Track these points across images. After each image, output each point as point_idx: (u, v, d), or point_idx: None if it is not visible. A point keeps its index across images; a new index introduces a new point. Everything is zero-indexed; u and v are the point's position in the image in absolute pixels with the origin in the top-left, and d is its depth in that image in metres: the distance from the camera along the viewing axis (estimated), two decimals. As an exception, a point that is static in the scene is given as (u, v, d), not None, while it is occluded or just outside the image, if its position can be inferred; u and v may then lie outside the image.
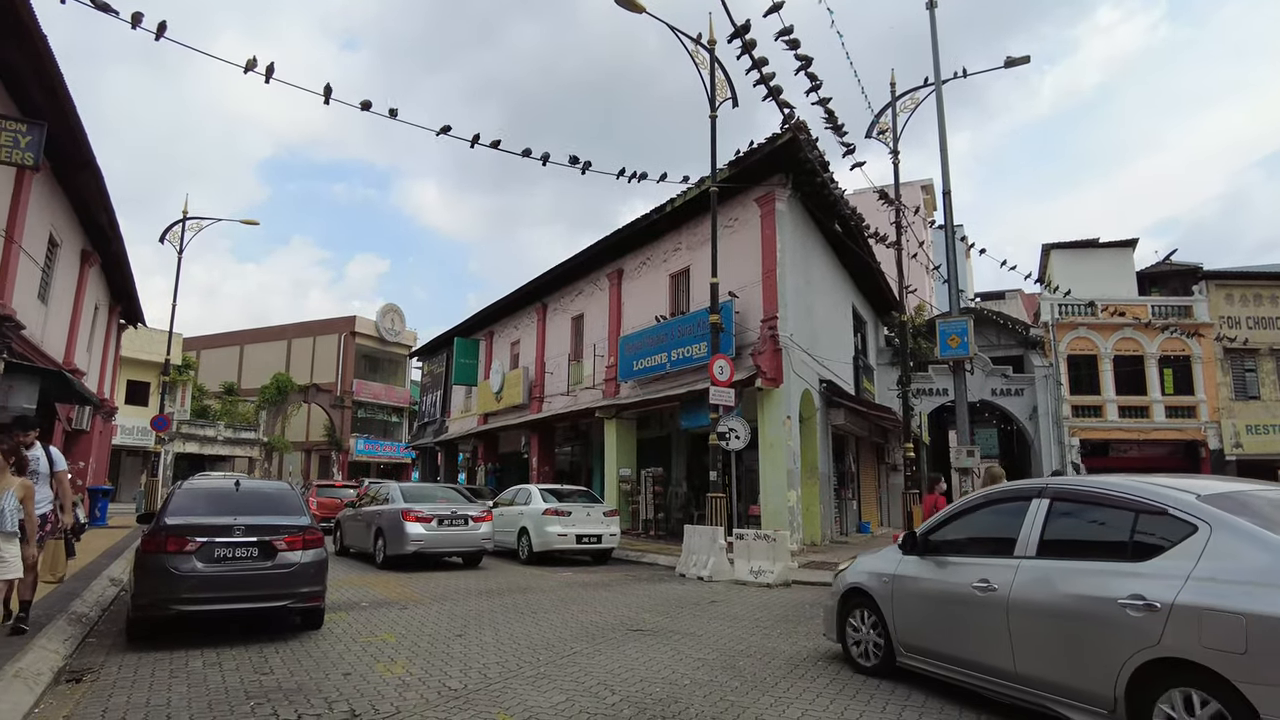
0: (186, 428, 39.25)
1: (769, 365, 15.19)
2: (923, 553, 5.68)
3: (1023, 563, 4.75)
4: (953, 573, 5.30)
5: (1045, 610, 4.47)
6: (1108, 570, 4.24)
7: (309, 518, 7.56)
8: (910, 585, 5.66)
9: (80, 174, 13.34)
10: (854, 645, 6.23)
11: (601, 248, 21.10)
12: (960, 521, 5.62)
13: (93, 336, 19.22)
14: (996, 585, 4.81)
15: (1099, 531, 4.57)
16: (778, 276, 15.71)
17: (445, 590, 10.64)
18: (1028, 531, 4.83)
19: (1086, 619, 4.20)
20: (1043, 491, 4.98)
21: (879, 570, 6.06)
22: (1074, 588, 4.33)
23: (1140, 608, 3.89)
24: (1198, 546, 3.87)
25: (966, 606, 5.04)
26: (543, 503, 14.56)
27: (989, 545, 5.21)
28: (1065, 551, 4.62)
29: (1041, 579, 4.57)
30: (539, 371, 25.73)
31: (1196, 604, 3.68)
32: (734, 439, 13.67)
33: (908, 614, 5.67)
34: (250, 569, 6.87)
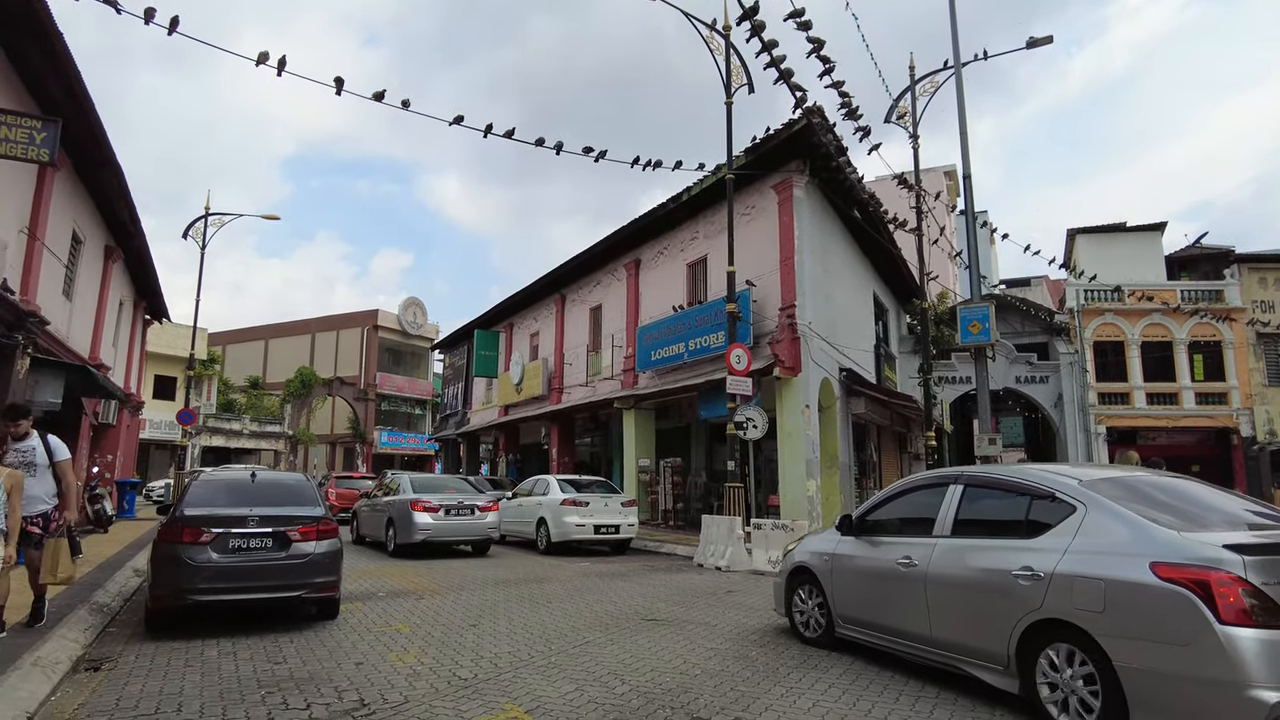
0: (213, 421, 39.79)
1: (787, 354, 15.05)
2: (858, 534, 6.30)
3: (939, 541, 5.38)
4: (882, 551, 5.90)
5: (956, 582, 5.12)
6: (1006, 546, 4.88)
7: (324, 508, 7.59)
8: (847, 563, 6.29)
9: (101, 171, 13.49)
10: (799, 619, 6.87)
11: (619, 238, 21.02)
12: (890, 505, 6.26)
13: (118, 332, 19.49)
14: (917, 561, 5.44)
15: (1002, 513, 5.20)
16: (795, 264, 15.54)
17: (462, 580, 10.67)
18: (944, 514, 5.46)
19: (988, 589, 4.85)
20: (958, 478, 5.61)
21: (820, 550, 6.68)
22: (979, 562, 4.98)
23: (1029, 578, 4.55)
24: (1075, 524, 4.54)
25: (893, 581, 5.67)
26: (561, 493, 14.57)
27: (913, 526, 5.83)
28: (974, 531, 5.25)
29: (954, 555, 5.21)
30: (558, 363, 25.75)
31: (1070, 572, 4.35)
32: (751, 428, 13.57)
33: (845, 589, 6.30)
34: (265, 559, 6.92)
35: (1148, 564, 4.02)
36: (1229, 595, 3.69)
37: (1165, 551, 4.02)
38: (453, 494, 13.89)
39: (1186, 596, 3.80)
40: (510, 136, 11.36)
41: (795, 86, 10.08)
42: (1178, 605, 3.83)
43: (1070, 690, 4.28)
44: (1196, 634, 3.73)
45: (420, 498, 13.37)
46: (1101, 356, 28.29)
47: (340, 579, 7.50)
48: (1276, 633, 3.63)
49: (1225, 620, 3.66)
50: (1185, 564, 3.89)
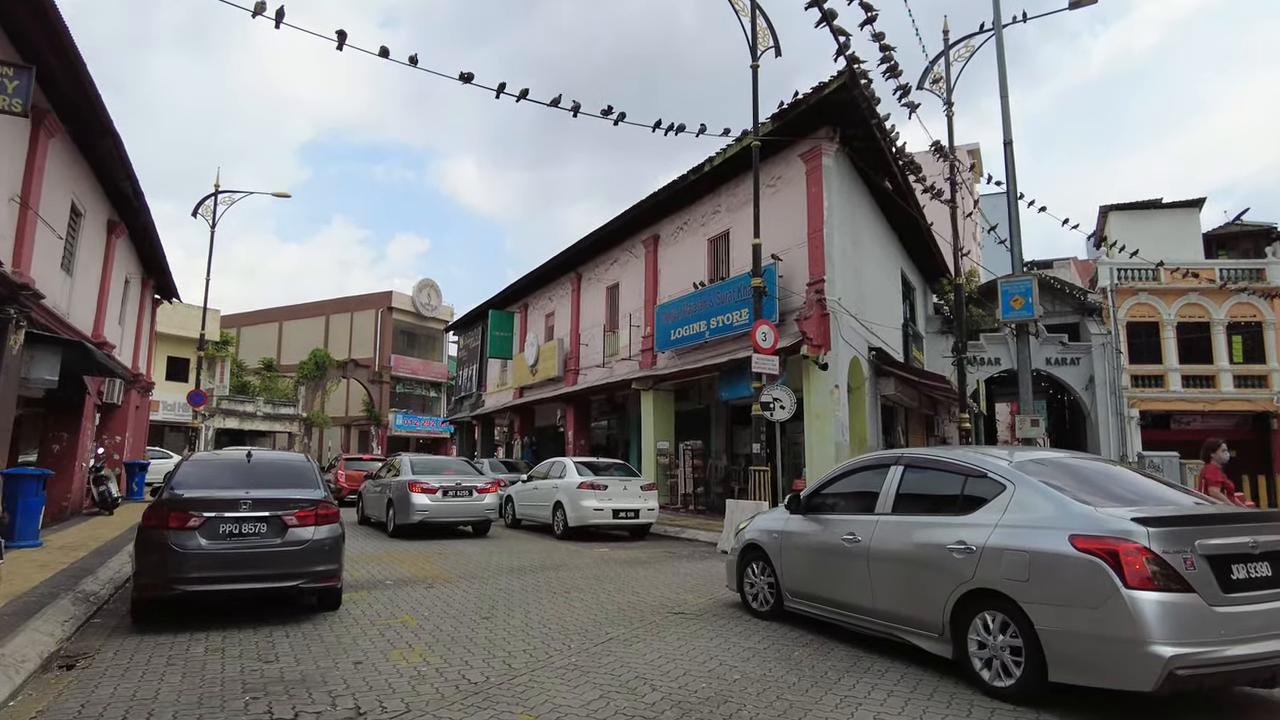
0: (226, 403, 39.50)
1: (815, 331, 14.33)
2: (805, 512, 6.59)
3: (881, 518, 5.69)
4: (828, 529, 6.20)
5: (895, 556, 5.42)
6: (942, 523, 5.20)
7: (324, 491, 7.01)
8: (795, 540, 6.58)
9: (100, 140, 12.91)
10: (750, 594, 7.16)
11: (637, 213, 20.27)
12: (836, 485, 6.53)
13: (124, 310, 19.03)
14: (860, 537, 5.74)
15: (939, 492, 5.50)
16: (825, 236, 14.78)
17: (475, 567, 10.11)
18: (886, 493, 5.76)
19: (925, 562, 5.15)
20: (899, 460, 5.92)
21: (770, 528, 6.99)
22: (917, 537, 5.28)
23: (962, 551, 4.86)
24: (1005, 501, 4.87)
25: (838, 556, 5.96)
26: (578, 476, 13.97)
27: (857, 505, 6.12)
28: (913, 508, 5.56)
29: (894, 531, 5.50)
30: (574, 343, 25.13)
31: (999, 545, 4.68)
32: (778, 409, 12.89)
33: (793, 565, 6.60)
34: (258, 546, 6.35)
35: (1067, 536, 4.36)
36: (1134, 563, 4.06)
37: (1082, 524, 4.38)
38: (451, 475, 13.93)
39: (1099, 565, 4.16)
40: (524, 97, 10.67)
41: (838, 30, 9.30)
42: (1092, 573, 4.18)
43: (997, 654, 4.61)
44: (1106, 598, 4.09)
45: (418, 479, 13.46)
46: (1135, 338, 27.33)
47: (342, 567, 6.94)
48: (1174, 595, 4.01)
49: (1131, 585, 4.03)
50: (1099, 535, 4.26)
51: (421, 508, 13.18)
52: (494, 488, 14.33)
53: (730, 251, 17.61)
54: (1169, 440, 27.00)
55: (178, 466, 7.21)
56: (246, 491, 6.54)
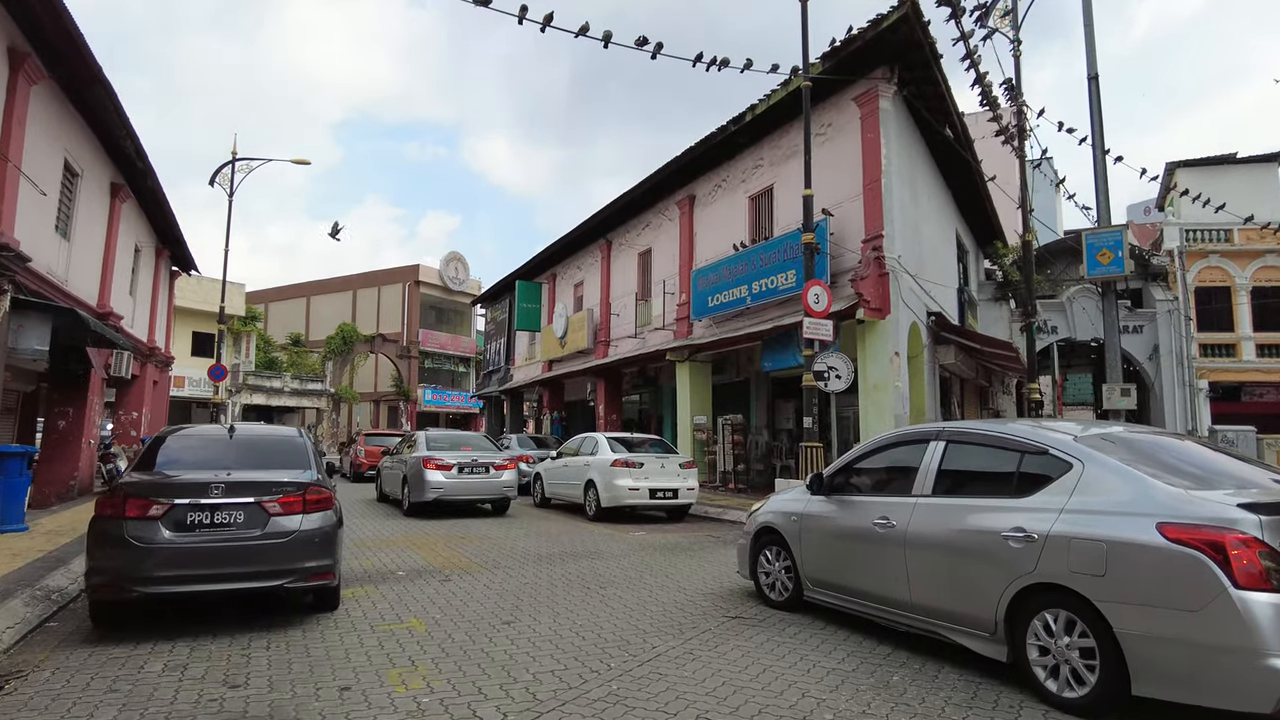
0: (253, 379, 39.01)
1: (873, 293, 12.98)
2: (828, 493, 5.93)
3: (919, 501, 5.03)
4: (856, 511, 5.54)
5: (938, 544, 4.76)
6: (994, 506, 4.53)
7: (316, 472, 5.92)
8: (817, 523, 5.91)
9: (90, 90, 11.90)
10: (765, 581, 6.50)
11: (670, 171, 18.90)
12: (864, 463, 5.86)
13: (136, 281, 18.20)
14: (895, 522, 5.09)
15: (989, 471, 4.85)
16: (883, 187, 13.36)
17: (498, 554, 9.04)
18: (924, 472, 5.09)
19: (974, 551, 4.49)
20: (939, 434, 5.21)
21: (788, 510, 6.31)
22: (964, 523, 4.61)
23: (1020, 539, 4.20)
24: (1072, 482, 4.19)
25: (868, 543, 5.32)
26: (611, 453, 12.85)
27: (889, 485, 5.53)
28: (958, 490, 4.91)
29: (936, 516, 4.85)
30: (604, 313, 23.95)
31: (1067, 533, 4.00)
32: (834, 379, 11.64)
33: (814, 551, 5.94)
34: (234, 539, 5.28)
35: (1154, 524, 3.72)
36: (1244, 557, 3.41)
37: (1173, 511, 3.73)
38: (468, 451, 13.37)
39: (1198, 559, 3.51)
40: (549, 23, 9.40)
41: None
42: (1189, 568, 3.53)
43: (1064, 659, 3.98)
44: (1209, 599, 3.44)
45: (433, 455, 12.93)
46: (1205, 303, 25.50)
47: (337, 560, 5.86)
48: None
49: (1241, 584, 3.38)
50: (1196, 524, 3.60)
51: (436, 485, 12.62)
52: (512, 464, 13.68)
53: (774, 209, 16.23)
54: (1240, 414, 25.24)
55: (145, 444, 6.18)
56: (219, 473, 5.48)
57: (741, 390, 19.58)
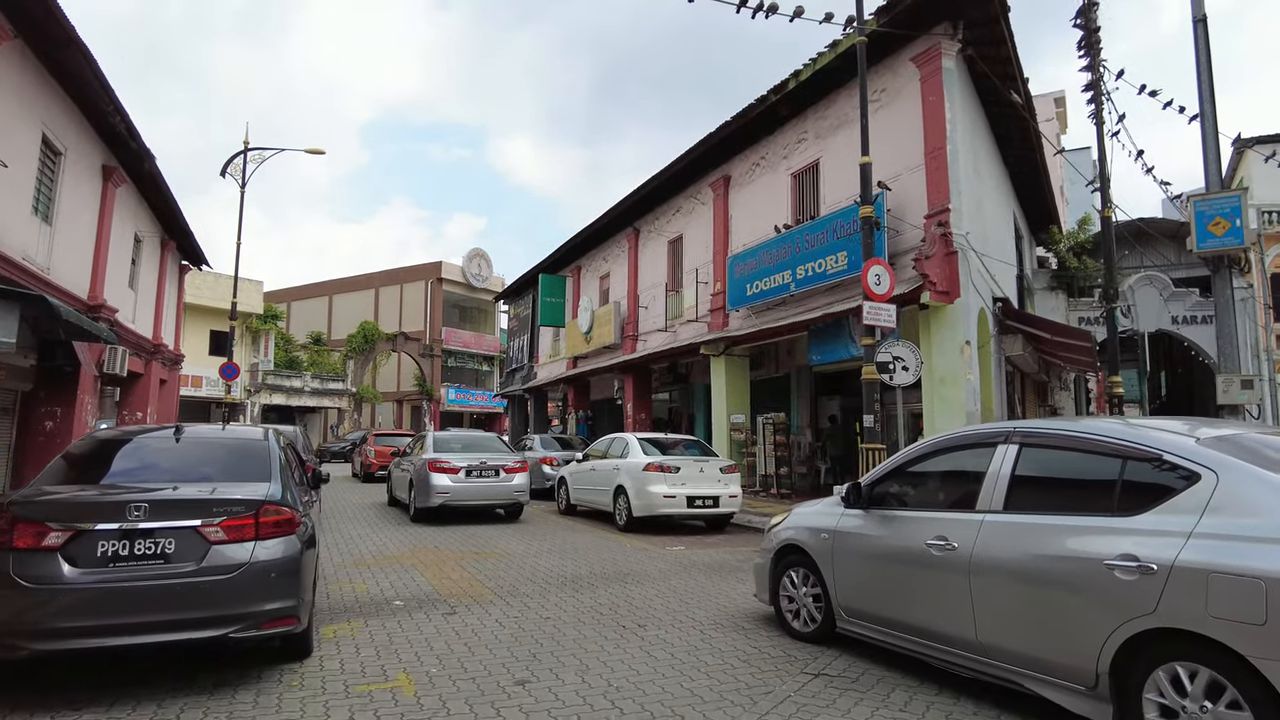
0: (273, 378, 38.22)
1: (940, 274, 11.48)
2: (868, 505, 5.08)
3: (987, 518, 4.14)
4: (904, 529, 4.70)
5: (1014, 572, 3.88)
6: (1091, 526, 3.65)
7: (277, 486, 4.60)
8: (854, 542, 5.08)
9: (65, 55, 10.75)
10: (788, 608, 5.64)
11: (703, 151, 17.45)
12: (912, 471, 5.02)
13: (138, 274, 17.16)
14: (956, 543, 4.20)
15: (1078, 482, 4.04)
16: (948, 155, 11.86)
17: (515, 576, 7.72)
18: (993, 482, 4.20)
19: (1064, 583, 3.63)
20: (1009, 436, 4.30)
21: (818, 525, 5.47)
22: (1050, 547, 3.74)
23: (1133, 569, 3.33)
24: (1201, 497, 3.31)
25: (920, 567, 4.45)
26: (643, 456, 11.51)
27: (946, 498, 4.75)
28: (1038, 505, 4.00)
29: (1010, 536, 3.97)
30: (632, 306, 22.60)
31: (1203, 565, 3.12)
32: (900, 371, 10.17)
33: (851, 575, 5.10)
34: (160, 575, 3.99)
35: None
36: None
37: None
38: (476, 454, 12.54)
39: None
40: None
41: None
42: None
43: None
44: None
45: (439, 457, 12.13)
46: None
47: (304, 599, 4.53)
48: None
49: None
50: None
51: (442, 490, 11.83)
52: (525, 467, 12.93)
53: (820, 186, 14.76)
54: (1320, 410, 23.30)
55: (63, 453, 4.91)
56: (145, 492, 4.20)
57: (781, 386, 18.14)
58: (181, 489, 4.32)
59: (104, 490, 4.29)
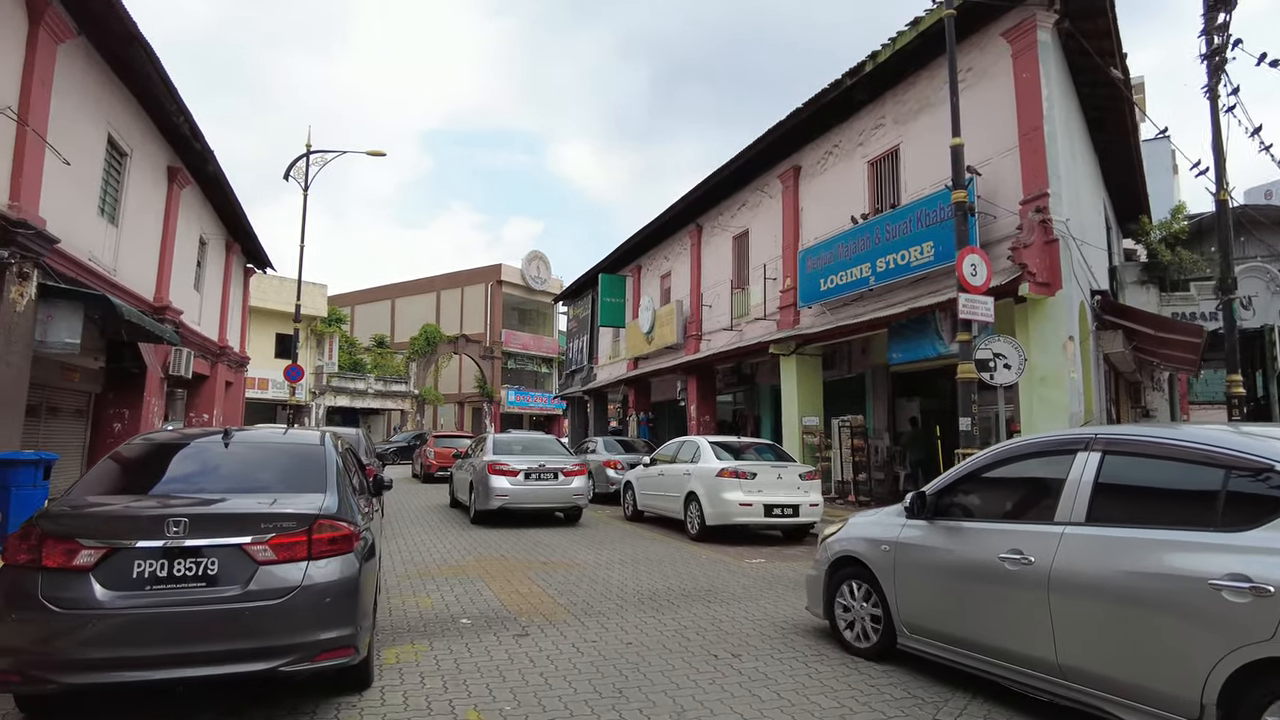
0: (337, 381, 38.68)
1: (1039, 264, 10.54)
2: (933, 515, 4.76)
3: (1068, 530, 3.85)
4: (973, 541, 4.40)
5: (1100, 590, 3.60)
6: (1190, 542, 3.35)
7: (334, 498, 4.11)
8: (918, 555, 4.76)
9: (129, 54, 10.68)
10: (845, 622, 5.39)
11: (771, 141, 16.69)
12: (982, 480, 4.68)
13: (202, 275, 17.24)
14: (1033, 557, 3.93)
15: (1173, 493, 3.70)
16: (1046, 135, 10.92)
17: (588, 591, 7.16)
18: (1073, 492, 3.91)
19: (1160, 603, 3.36)
20: (1090, 443, 3.99)
21: (877, 537, 5.16)
22: (1142, 563, 3.46)
23: (1244, 590, 3.03)
24: None
25: (992, 582, 4.18)
26: (717, 460, 10.87)
27: (1020, 509, 4.44)
28: (1126, 517, 3.72)
29: (1094, 551, 3.69)
30: (695, 305, 21.94)
31: None
32: (1001, 369, 9.32)
33: (914, 589, 4.79)
34: (202, 600, 3.52)
35: None
36: None
37: None
38: (535, 456, 12.43)
39: None
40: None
41: None
42: None
43: None
44: None
45: (498, 459, 12.08)
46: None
47: (363, 625, 4.02)
48: None
49: None
50: None
51: (501, 492, 11.76)
52: (584, 470, 12.82)
53: (900, 174, 13.88)
54: None
55: (106, 459, 4.51)
56: (187, 506, 3.74)
57: (854, 387, 17.27)
58: (227, 501, 3.86)
59: (142, 503, 3.85)
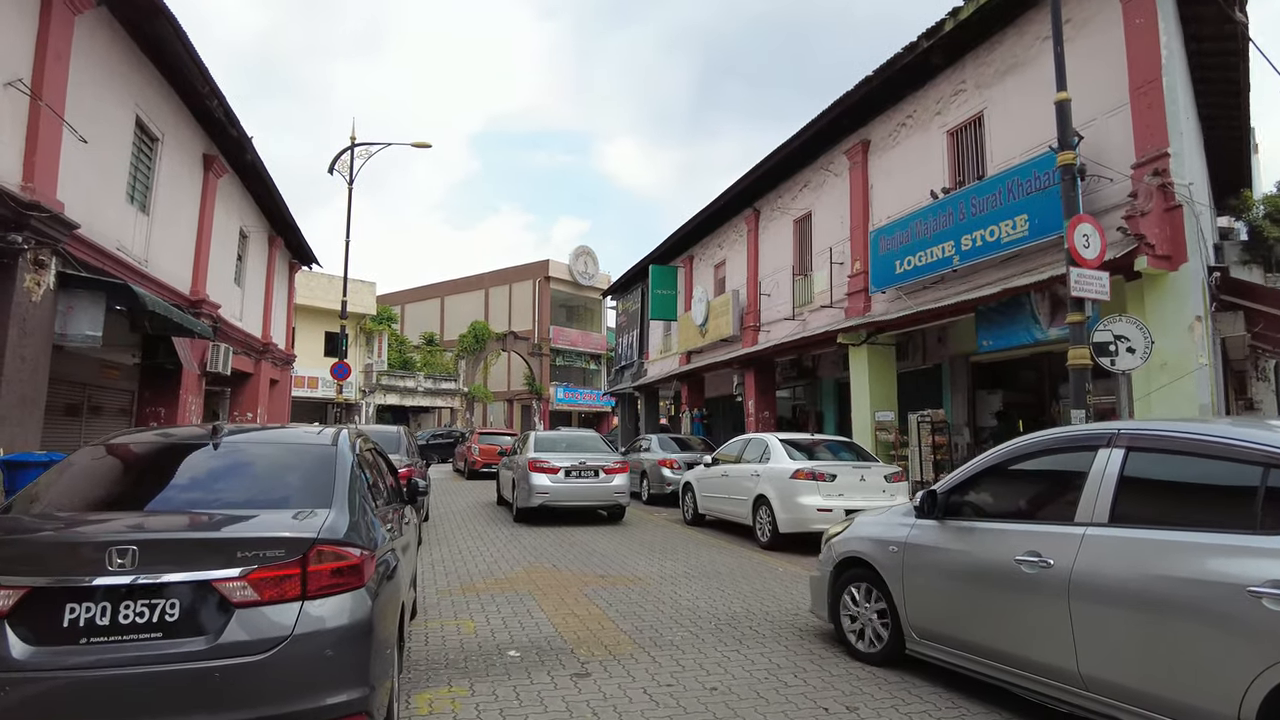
0: (386, 379, 38.49)
1: (1159, 233, 9.21)
2: (944, 515, 4.55)
3: (1089, 531, 3.63)
4: (987, 542, 4.20)
5: (1125, 595, 3.38)
6: (1224, 545, 3.10)
7: (345, 516, 3.15)
8: (928, 556, 4.57)
9: (155, 28, 10.05)
10: (850, 627, 5.20)
11: (836, 114, 15.46)
12: (995, 478, 4.49)
13: (243, 270, 16.73)
14: (1051, 560, 3.72)
15: (1203, 493, 3.50)
16: (1164, 88, 9.57)
17: (655, 613, 6.18)
18: (1094, 491, 3.68)
19: (1192, 610, 3.12)
20: (1113, 439, 3.74)
21: (885, 537, 4.95)
22: (1171, 567, 3.23)
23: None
24: None
25: (1008, 585, 3.97)
26: (789, 461, 9.81)
27: (1037, 508, 4.29)
28: (1153, 518, 3.50)
29: (1119, 553, 3.47)
30: (752, 295, 20.79)
31: None
32: (1124, 353, 8.08)
33: (924, 592, 4.60)
34: (154, 658, 2.60)
35: None
36: None
37: None
38: (576, 454, 12.32)
39: None
40: None
41: None
42: None
43: None
44: None
45: (539, 457, 11.99)
46: None
47: (379, 684, 3.07)
48: None
49: None
50: None
51: (542, 490, 11.67)
52: (624, 468, 12.63)
53: (985, 143, 12.58)
54: None
55: (59, 466, 3.65)
56: (137, 529, 2.85)
57: (930, 379, 15.95)
58: (197, 522, 2.96)
59: (82, 525, 2.96)
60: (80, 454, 3.63)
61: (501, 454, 16.34)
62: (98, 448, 3.68)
